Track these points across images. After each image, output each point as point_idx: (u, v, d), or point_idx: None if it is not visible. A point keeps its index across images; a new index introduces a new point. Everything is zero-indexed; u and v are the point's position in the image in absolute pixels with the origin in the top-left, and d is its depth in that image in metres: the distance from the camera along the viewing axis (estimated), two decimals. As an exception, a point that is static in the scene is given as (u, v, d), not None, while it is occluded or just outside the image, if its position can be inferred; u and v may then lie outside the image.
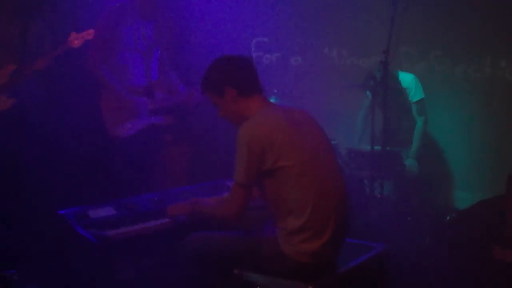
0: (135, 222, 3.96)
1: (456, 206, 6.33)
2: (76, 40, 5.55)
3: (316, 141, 3.57)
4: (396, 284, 4.34)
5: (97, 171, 5.38)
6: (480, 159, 6.38)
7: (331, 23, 7.21)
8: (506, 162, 6.00)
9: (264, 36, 7.37)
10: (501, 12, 6.12)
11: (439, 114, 6.49)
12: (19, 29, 5.66)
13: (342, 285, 3.55)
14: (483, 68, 6.31)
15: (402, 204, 5.94)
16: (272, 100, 3.76)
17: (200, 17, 6.93)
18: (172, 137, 5.70)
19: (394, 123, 6.16)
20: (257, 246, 3.54)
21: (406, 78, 6.25)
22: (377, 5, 6.40)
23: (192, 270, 3.71)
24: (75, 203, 4.05)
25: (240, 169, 3.42)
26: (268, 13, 7.40)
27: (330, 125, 3.76)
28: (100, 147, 5.27)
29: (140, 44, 5.18)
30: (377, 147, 5.73)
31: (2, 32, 5.61)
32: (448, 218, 5.94)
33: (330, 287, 3.44)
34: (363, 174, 5.97)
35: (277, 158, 3.38)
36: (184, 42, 6.49)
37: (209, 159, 6.58)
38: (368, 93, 6.35)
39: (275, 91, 6.36)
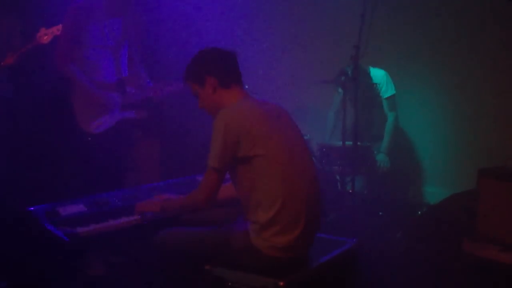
0: (106, 219, 3.93)
1: (427, 200, 6.37)
2: (45, 35, 5.51)
3: (290, 135, 3.62)
4: (367, 279, 4.36)
5: (67, 167, 5.35)
6: (451, 154, 6.43)
7: (303, 18, 7.21)
8: (476, 157, 6.05)
9: (235, 31, 7.34)
10: (471, 8, 6.16)
11: (410, 109, 6.53)
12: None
13: (314, 280, 3.55)
14: (454, 65, 6.35)
15: (373, 199, 5.97)
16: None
17: (170, 12, 6.90)
18: (144, 133, 5.67)
19: (365, 119, 6.19)
20: (228, 241, 3.55)
21: (378, 74, 6.28)
22: (348, 0, 6.42)
23: (163, 266, 3.71)
24: (45, 199, 4.01)
25: (215, 154, 3.45)
26: (239, 9, 7.39)
27: (302, 121, 3.78)
28: (71, 142, 5.23)
29: (109, 40, 5.14)
30: (348, 143, 5.75)
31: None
32: (419, 212, 5.98)
33: (301, 283, 3.44)
34: (334, 170, 5.99)
35: (252, 146, 3.41)
36: (153, 36, 6.46)
37: (181, 155, 6.56)
38: (339, 88, 6.37)
39: (246, 86, 6.34)
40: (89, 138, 5.08)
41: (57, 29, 5.43)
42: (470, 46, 6.24)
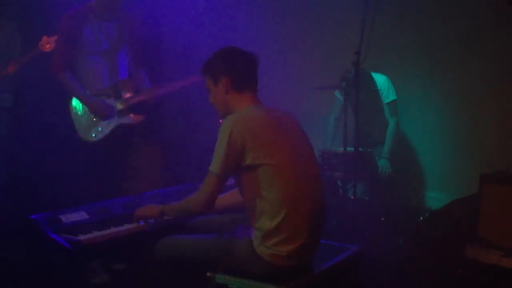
0: (108, 227, 3.93)
1: (429, 206, 6.36)
2: (47, 44, 5.52)
3: (298, 144, 3.60)
4: (369, 285, 4.36)
5: (69, 175, 5.35)
6: (453, 159, 6.42)
7: (304, 23, 7.22)
8: (477, 162, 6.04)
9: (235, 35, 7.34)
10: (472, 13, 6.17)
11: (411, 115, 6.53)
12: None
13: (316, 286, 3.55)
14: (455, 70, 6.35)
15: (375, 204, 5.96)
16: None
17: (170, 13, 6.91)
18: (145, 140, 5.66)
19: (366, 124, 6.18)
20: (230, 248, 3.53)
21: (379, 79, 6.28)
22: (349, 6, 6.42)
23: (165, 274, 3.70)
24: (47, 207, 4.02)
25: (217, 159, 3.44)
26: (241, 12, 7.41)
27: (303, 126, 3.76)
28: (72, 150, 5.23)
29: (104, 46, 5.14)
30: (350, 148, 5.74)
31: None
32: (421, 218, 5.97)
33: (304, 289, 3.45)
34: (336, 176, 5.98)
35: (258, 155, 3.39)
36: (151, 38, 6.46)
37: (182, 163, 6.56)
38: (338, 94, 6.38)
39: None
40: (89, 146, 5.07)
41: (58, 37, 5.44)
42: (471, 51, 6.23)
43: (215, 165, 3.46)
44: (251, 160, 3.41)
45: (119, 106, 5.16)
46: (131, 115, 5.20)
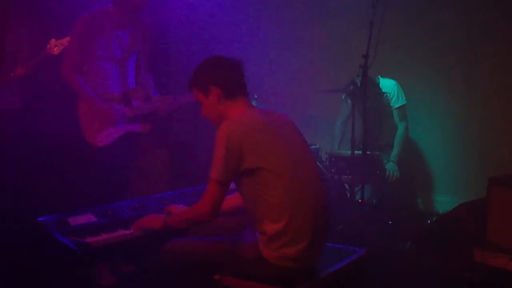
0: (115, 229, 3.93)
1: (436, 209, 6.35)
2: (55, 47, 5.53)
3: (296, 146, 3.59)
4: (377, 288, 4.35)
5: (77, 178, 5.35)
6: (460, 163, 6.41)
7: (312, 27, 7.22)
8: (486, 166, 6.03)
9: (243, 40, 7.34)
10: (481, 17, 6.16)
11: (419, 118, 6.52)
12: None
13: (324, 289, 3.55)
14: (463, 74, 6.34)
15: (382, 208, 5.95)
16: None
17: (180, 20, 6.91)
18: (153, 143, 5.66)
19: (375, 128, 6.17)
20: (237, 251, 3.53)
21: (388, 84, 6.28)
22: (357, 9, 6.42)
23: (173, 276, 3.70)
24: (55, 210, 4.02)
25: (217, 166, 3.44)
26: (249, 17, 7.41)
27: (311, 130, 3.77)
28: (80, 153, 5.23)
29: (116, 53, 5.13)
30: (357, 152, 5.74)
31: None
32: (429, 221, 5.96)
33: (311, 292, 3.44)
34: (344, 179, 5.98)
35: (256, 159, 3.40)
36: (163, 45, 6.47)
37: (190, 165, 6.56)
38: (345, 98, 6.37)
39: (255, 96, 6.36)
40: (97, 150, 5.07)
41: (67, 40, 5.44)
42: (481, 54, 6.23)
43: (215, 172, 3.45)
44: (250, 164, 3.41)
45: (129, 113, 5.16)
46: (140, 124, 5.20)
